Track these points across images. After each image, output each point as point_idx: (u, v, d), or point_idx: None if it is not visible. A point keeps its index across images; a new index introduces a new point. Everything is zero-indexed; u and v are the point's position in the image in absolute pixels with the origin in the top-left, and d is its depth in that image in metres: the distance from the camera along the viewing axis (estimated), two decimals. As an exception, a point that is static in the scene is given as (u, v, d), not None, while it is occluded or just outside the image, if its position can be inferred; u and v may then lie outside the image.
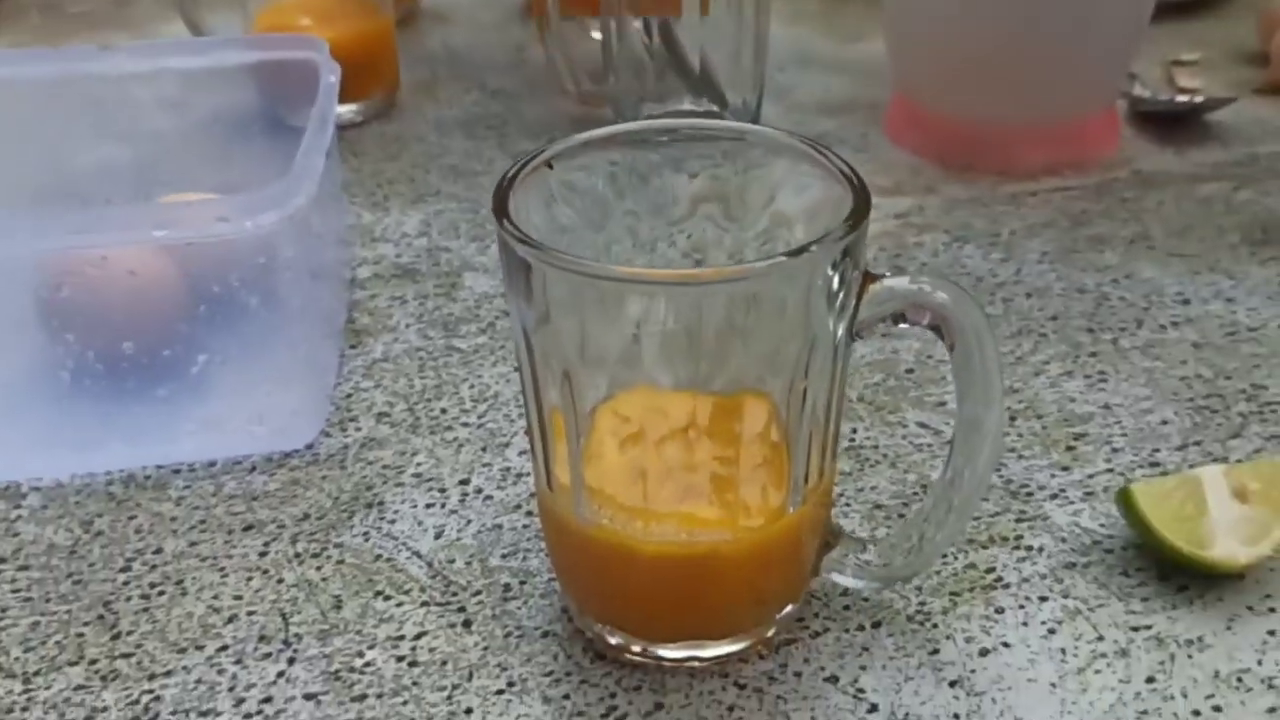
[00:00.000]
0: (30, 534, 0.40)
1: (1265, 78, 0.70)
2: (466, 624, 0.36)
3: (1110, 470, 0.41)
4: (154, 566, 0.38)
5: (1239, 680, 0.33)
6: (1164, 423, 0.43)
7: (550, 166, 0.32)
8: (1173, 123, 0.65)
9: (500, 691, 0.33)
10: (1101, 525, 0.39)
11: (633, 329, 0.30)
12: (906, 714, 0.33)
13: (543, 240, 0.29)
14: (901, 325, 0.31)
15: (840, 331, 0.30)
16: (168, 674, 0.34)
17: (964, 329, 0.30)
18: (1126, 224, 0.56)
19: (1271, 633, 0.35)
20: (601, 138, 0.33)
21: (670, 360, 0.32)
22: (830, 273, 0.29)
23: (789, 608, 0.35)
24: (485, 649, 0.35)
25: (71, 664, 0.35)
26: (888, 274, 0.30)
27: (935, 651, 0.34)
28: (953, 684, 0.33)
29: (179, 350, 0.39)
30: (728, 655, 0.34)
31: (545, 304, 0.29)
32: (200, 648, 0.35)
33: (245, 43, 0.49)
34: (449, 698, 0.33)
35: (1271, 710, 0.32)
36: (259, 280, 0.38)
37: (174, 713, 0.33)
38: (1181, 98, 0.67)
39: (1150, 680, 0.33)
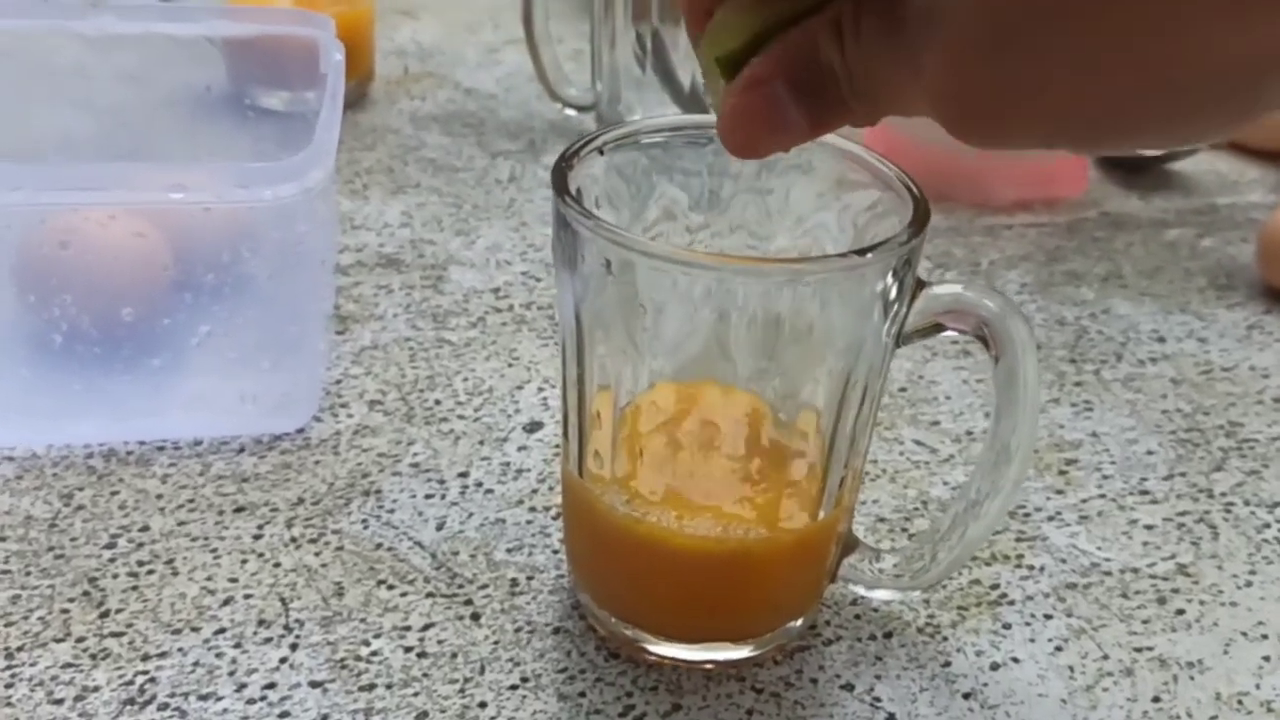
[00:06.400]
0: (4, 504, 0.37)
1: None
2: (475, 617, 0.35)
3: (1103, 496, 0.42)
4: (141, 544, 0.36)
5: (1239, 703, 0.34)
6: (1149, 453, 0.44)
7: (602, 153, 0.32)
8: (1135, 169, 0.67)
9: (514, 687, 0.33)
10: (1098, 548, 0.39)
11: (685, 315, 0.30)
12: (923, 724, 0.33)
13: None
14: (945, 333, 0.31)
15: (888, 338, 0.30)
16: (162, 655, 0.33)
17: (1010, 339, 0.30)
18: (1099, 262, 0.58)
19: (1266, 658, 0.35)
20: (653, 128, 0.33)
21: (717, 353, 0.31)
22: (890, 280, 0.29)
23: (805, 615, 0.34)
24: (496, 643, 0.34)
25: (58, 640, 0.33)
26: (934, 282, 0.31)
27: (947, 664, 0.35)
28: (966, 696, 0.33)
29: (181, 320, 0.37)
30: (743, 659, 0.34)
31: (599, 281, 0.29)
32: (196, 629, 0.34)
33: (247, 13, 0.48)
34: (461, 690, 0.32)
35: (1273, 732, 0.33)
36: (270, 253, 0.37)
37: (171, 695, 0.31)
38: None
39: (1156, 700, 0.34)
